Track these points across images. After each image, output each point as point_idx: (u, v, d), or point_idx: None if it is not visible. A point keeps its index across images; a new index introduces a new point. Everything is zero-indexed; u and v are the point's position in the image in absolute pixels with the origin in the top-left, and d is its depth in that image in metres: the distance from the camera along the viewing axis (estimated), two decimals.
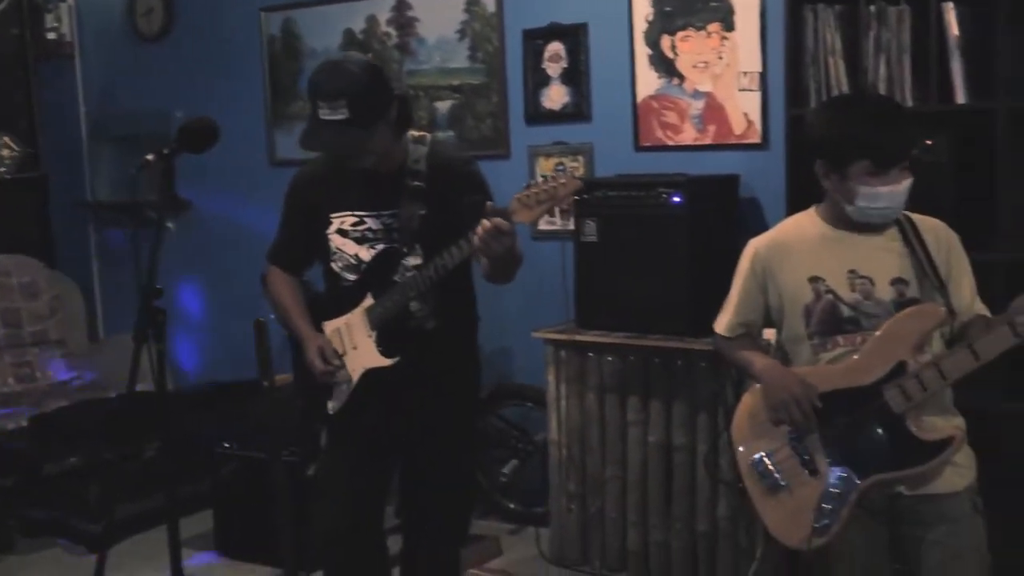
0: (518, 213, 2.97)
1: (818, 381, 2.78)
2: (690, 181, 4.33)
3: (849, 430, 2.75)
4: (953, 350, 2.67)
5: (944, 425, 2.73)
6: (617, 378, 4.45)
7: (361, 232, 3.30)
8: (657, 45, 4.77)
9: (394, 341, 3.25)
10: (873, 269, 2.77)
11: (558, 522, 4.66)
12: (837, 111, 2.92)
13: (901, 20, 4.00)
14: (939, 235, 2.81)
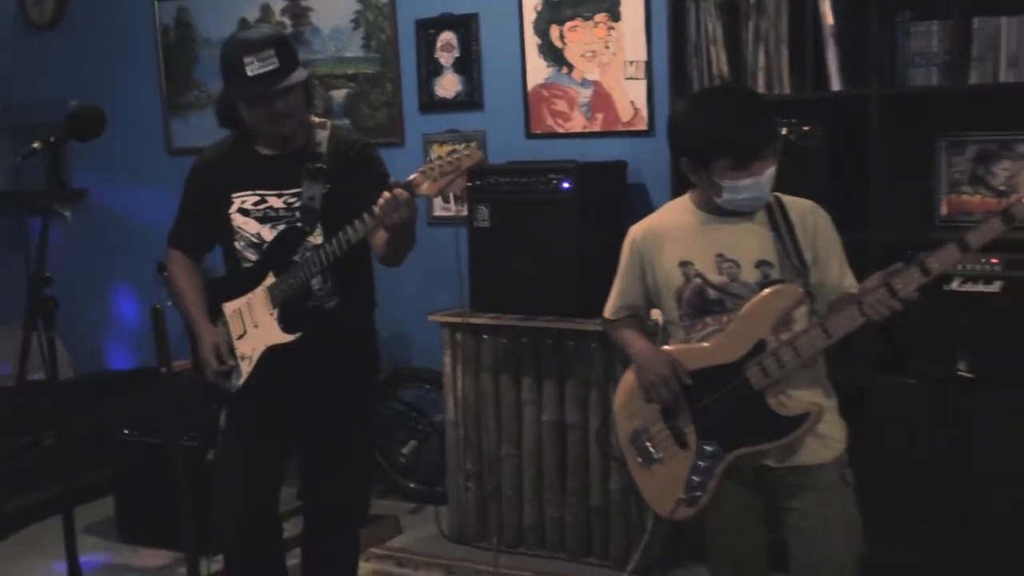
0: (422, 185, 2.92)
1: (688, 360, 2.79)
2: (579, 167, 4.31)
3: (716, 406, 2.76)
4: (807, 328, 2.68)
5: (805, 400, 2.73)
6: (511, 359, 4.42)
7: (263, 211, 3.22)
8: (546, 35, 4.73)
9: (296, 319, 3.17)
10: (739, 252, 2.77)
11: (456, 500, 4.62)
12: (697, 111, 2.87)
13: (779, 11, 4.02)
14: (806, 217, 2.79)
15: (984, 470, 3.68)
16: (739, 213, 2.78)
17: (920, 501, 3.78)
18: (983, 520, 3.68)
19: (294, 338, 3.15)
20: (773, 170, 2.71)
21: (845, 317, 2.62)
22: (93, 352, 6.01)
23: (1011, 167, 3.90)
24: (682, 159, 2.81)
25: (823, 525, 2.77)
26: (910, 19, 3.88)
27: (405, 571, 4.36)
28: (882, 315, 2.57)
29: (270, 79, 3.05)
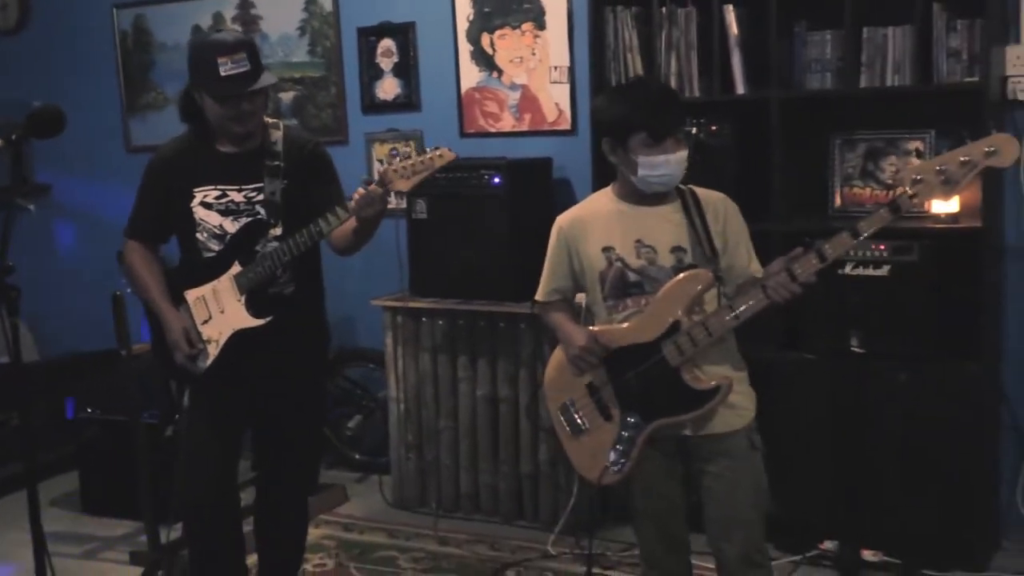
0: (396, 182, 2.96)
1: (610, 338, 2.81)
2: (508, 164, 4.34)
3: (636, 381, 2.78)
4: (717, 310, 2.72)
5: (717, 374, 2.76)
6: (448, 339, 4.45)
7: (225, 204, 3.21)
8: (478, 42, 4.75)
9: (260, 305, 3.19)
10: (656, 238, 2.79)
11: (398, 470, 4.64)
12: (617, 94, 2.98)
13: (689, 20, 4.07)
14: (717, 207, 2.83)
15: (874, 435, 3.77)
16: (655, 200, 2.81)
17: (819, 463, 3.86)
18: (874, 480, 3.77)
19: (263, 322, 3.16)
20: (685, 154, 2.74)
21: (751, 299, 2.65)
22: (57, 336, 5.93)
23: (897, 162, 3.97)
24: (603, 140, 2.83)
25: (733, 487, 2.81)
26: (806, 29, 3.95)
27: (352, 536, 4.37)
28: (784, 297, 2.61)
29: (242, 80, 3.05)
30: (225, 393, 3.29)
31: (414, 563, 4.07)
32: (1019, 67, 3.83)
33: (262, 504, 3.49)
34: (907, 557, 3.76)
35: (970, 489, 3.75)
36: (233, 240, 3.20)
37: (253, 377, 3.26)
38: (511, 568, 3.98)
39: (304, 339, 3.35)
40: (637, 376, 2.78)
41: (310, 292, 3.37)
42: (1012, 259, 3.93)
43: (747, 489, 2.82)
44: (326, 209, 3.08)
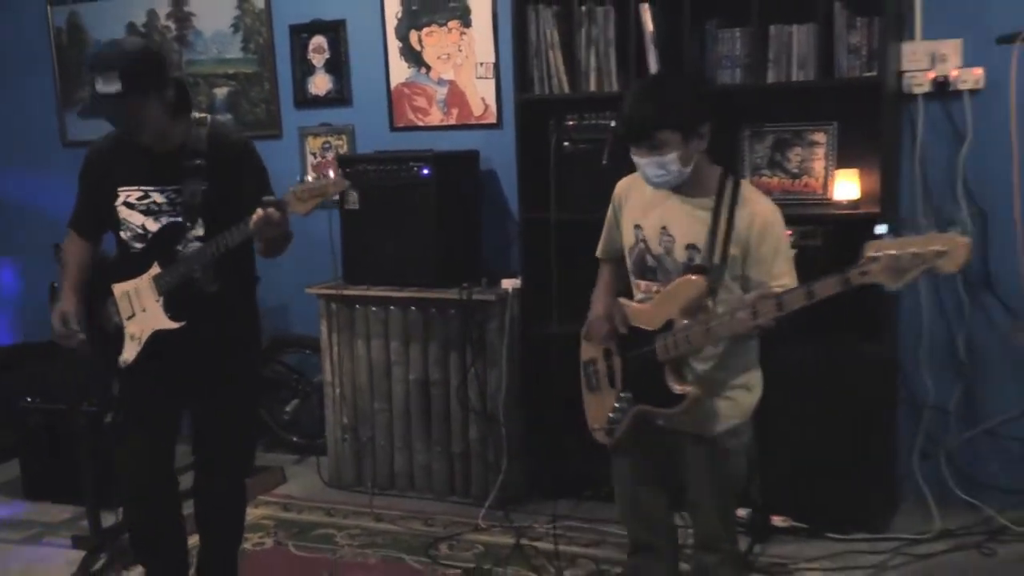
0: (292, 205, 2.85)
1: (628, 315, 2.72)
2: (437, 156, 4.27)
3: (635, 362, 2.70)
4: (694, 322, 2.56)
5: (708, 379, 2.65)
6: (380, 325, 4.38)
7: (147, 205, 3.08)
8: (406, 39, 4.67)
9: (180, 305, 3.06)
10: (678, 230, 2.65)
11: (335, 451, 4.57)
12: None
13: (607, 18, 4.04)
14: (755, 216, 2.59)
15: (783, 409, 3.77)
16: (692, 193, 2.65)
17: None
18: (783, 450, 3.76)
19: (179, 325, 3.04)
20: (657, 159, 2.57)
21: (727, 322, 2.49)
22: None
23: (802, 153, 3.99)
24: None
25: (702, 481, 2.75)
26: (717, 27, 3.94)
27: (290, 515, 4.29)
28: (745, 330, 2.48)
29: (110, 101, 2.89)
30: (153, 386, 3.16)
31: (351, 540, 4.00)
32: (914, 62, 3.86)
33: (200, 488, 3.37)
34: (813, 521, 3.80)
35: (870, 457, 3.80)
36: (153, 241, 3.07)
37: (179, 372, 3.13)
38: (443, 542, 3.93)
39: (231, 333, 3.20)
40: (634, 359, 2.71)
41: (236, 288, 3.20)
42: None
43: (715, 487, 2.75)
44: (252, 210, 2.92)
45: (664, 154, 2.56)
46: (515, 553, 3.75)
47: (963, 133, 3.83)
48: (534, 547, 3.79)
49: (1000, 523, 3.78)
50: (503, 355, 4.16)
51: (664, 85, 2.80)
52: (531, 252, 4.20)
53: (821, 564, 3.59)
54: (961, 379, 3.97)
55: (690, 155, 2.60)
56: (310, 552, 3.90)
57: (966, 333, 3.94)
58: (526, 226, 4.23)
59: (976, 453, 3.95)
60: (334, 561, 3.81)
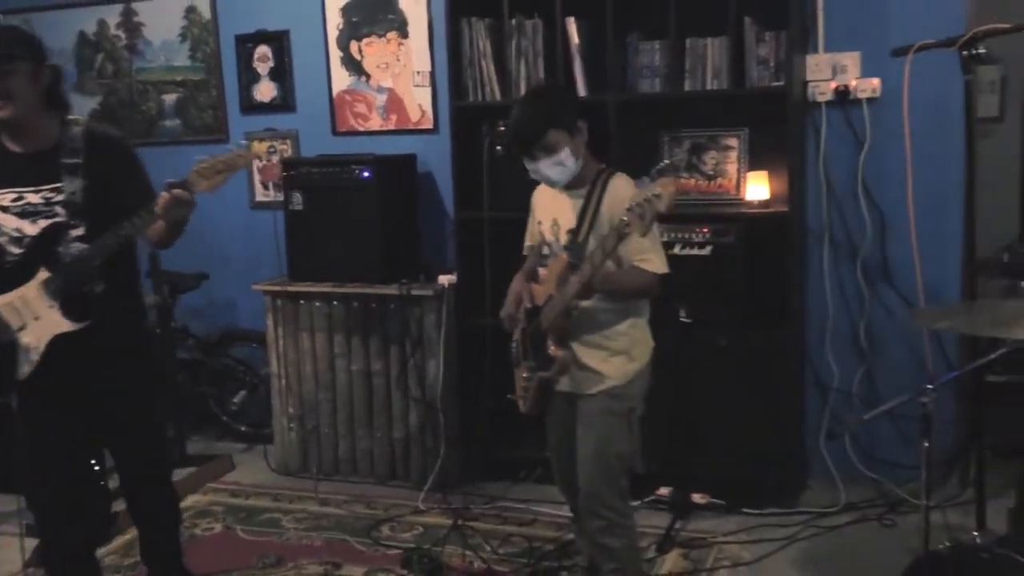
0: (197, 184, 2.73)
1: (534, 293, 2.91)
2: (377, 160, 4.29)
3: (532, 334, 2.87)
4: (558, 293, 2.77)
5: (588, 344, 2.82)
6: (324, 319, 4.37)
7: (21, 207, 2.85)
8: (347, 49, 4.67)
9: (74, 308, 2.84)
10: (565, 220, 2.84)
11: (281, 439, 4.56)
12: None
13: (536, 31, 4.08)
14: (615, 200, 2.72)
15: (701, 393, 3.86)
16: (575, 186, 2.84)
17: (655, 419, 3.87)
18: (701, 432, 3.87)
19: (82, 325, 2.83)
20: (567, 151, 2.75)
21: (571, 287, 2.69)
22: None
23: (717, 156, 4.07)
24: None
25: (582, 442, 2.87)
26: (638, 39, 4.01)
27: (238, 501, 4.27)
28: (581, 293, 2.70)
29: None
30: (56, 394, 2.93)
31: (297, 523, 4.00)
32: (817, 73, 3.97)
33: (125, 489, 3.20)
34: (730, 498, 3.88)
35: (781, 437, 3.89)
36: (34, 244, 2.82)
37: (80, 375, 2.92)
38: (385, 523, 3.95)
39: (123, 333, 3.01)
40: (532, 331, 2.87)
41: (122, 288, 3.01)
42: (813, 240, 4.08)
43: (590, 444, 2.84)
44: (133, 207, 2.77)
45: (558, 152, 2.75)
46: (453, 533, 3.77)
47: (862, 138, 3.94)
48: (471, 527, 3.82)
49: (899, 496, 3.89)
50: (440, 346, 4.19)
51: (540, 95, 3.05)
52: (466, 249, 4.24)
53: (737, 537, 3.66)
54: (862, 363, 4.08)
55: (578, 148, 2.79)
56: (257, 536, 3.90)
57: (867, 321, 4.05)
58: (461, 225, 4.27)
59: (877, 432, 4.06)
60: (281, 544, 3.81)
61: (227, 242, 4.99)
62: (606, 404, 2.83)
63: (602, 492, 2.84)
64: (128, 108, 5.15)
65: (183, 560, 3.32)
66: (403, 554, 3.59)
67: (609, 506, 2.84)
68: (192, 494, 4.31)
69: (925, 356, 3.91)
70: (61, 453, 2.96)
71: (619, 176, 2.83)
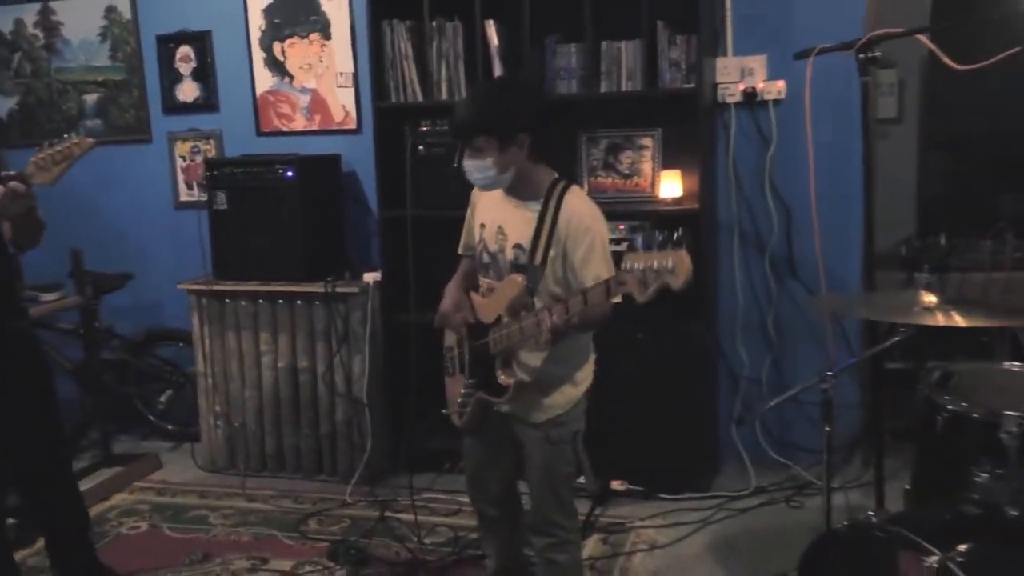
0: (36, 176, 2.62)
1: (476, 307, 2.73)
2: (301, 159, 4.26)
3: (475, 352, 2.72)
4: (514, 320, 2.55)
5: (534, 372, 2.65)
6: (250, 318, 4.33)
7: None
8: (270, 50, 4.62)
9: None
10: (511, 231, 2.64)
11: (208, 437, 4.50)
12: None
13: (456, 33, 4.09)
14: (571, 220, 2.55)
15: (620, 385, 3.89)
16: (524, 196, 2.63)
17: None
18: (620, 422, 3.86)
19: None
20: (490, 161, 2.55)
21: (531, 323, 2.48)
22: None
23: (632, 156, 4.13)
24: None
25: (529, 467, 2.76)
26: (555, 42, 4.04)
27: (165, 499, 4.20)
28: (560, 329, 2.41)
29: None
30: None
31: (224, 519, 3.95)
32: (726, 75, 4.05)
33: (26, 494, 3.10)
34: (647, 484, 3.94)
35: (695, 425, 3.96)
36: None
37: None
38: (313, 517, 3.92)
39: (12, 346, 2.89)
40: (474, 349, 2.71)
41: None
42: (724, 235, 4.16)
43: (536, 471, 2.75)
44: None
45: (483, 158, 2.56)
46: (380, 525, 3.78)
47: (769, 138, 4.04)
48: (397, 518, 3.83)
49: (806, 479, 3.99)
50: (366, 342, 4.18)
51: (488, 93, 2.79)
52: (390, 247, 4.23)
53: (654, 521, 3.73)
54: (771, 353, 4.18)
55: (506, 162, 2.56)
56: (184, 533, 3.84)
57: (775, 312, 4.15)
58: (385, 223, 4.25)
59: (785, 418, 4.17)
60: (207, 540, 3.76)
61: (151, 242, 4.90)
62: (551, 432, 2.70)
63: (551, 514, 2.76)
64: (48, 108, 5.02)
65: (98, 559, 3.23)
66: (330, 547, 3.57)
67: (558, 525, 2.77)
68: (118, 493, 4.23)
69: (828, 345, 4.02)
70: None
71: (575, 192, 2.62)
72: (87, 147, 2.69)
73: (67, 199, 2.70)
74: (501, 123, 2.55)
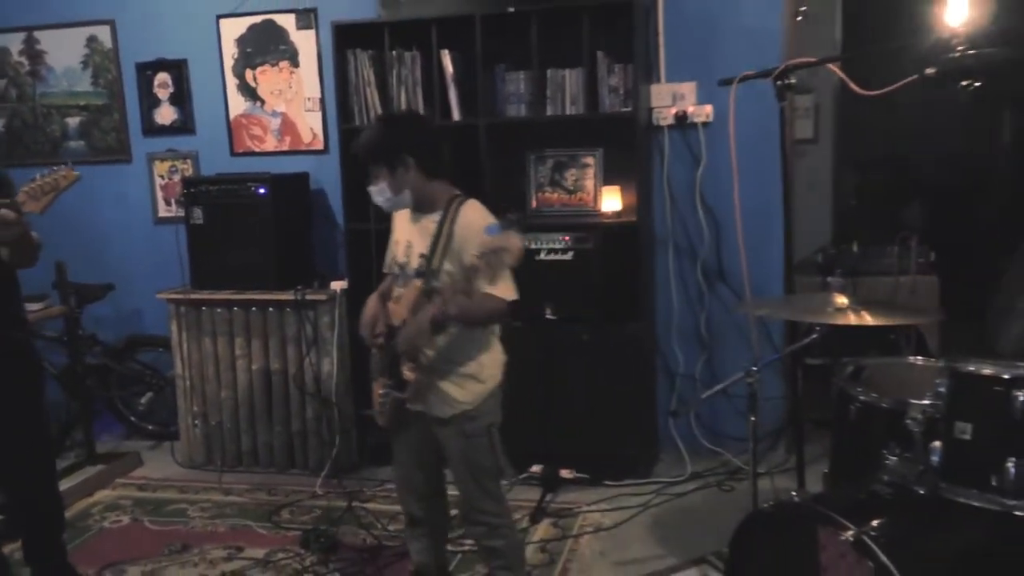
0: (27, 204, 2.59)
1: (389, 313, 2.72)
2: (272, 178, 4.22)
3: (389, 354, 2.70)
4: (413, 319, 2.58)
5: (439, 369, 2.64)
6: (225, 324, 4.27)
7: None
8: (242, 76, 4.57)
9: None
10: (418, 243, 2.67)
11: (187, 436, 4.42)
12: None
13: (414, 62, 4.08)
14: (464, 229, 2.58)
15: (566, 381, 3.92)
16: (428, 211, 2.66)
17: (527, 405, 3.90)
18: (567, 415, 3.92)
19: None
20: (384, 185, 2.61)
21: (420, 318, 2.52)
22: None
23: (576, 173, 4.15)
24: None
25: (451, 460, 2.73)
26: (505, 70, 4.06)
27: (146, 494, 4.12)
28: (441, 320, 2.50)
29: None
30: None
31: (202, 512, 3.89)
32: (660, 100, 4.09)
33: (7, 492, 3.03)
34: (593, 472, 3.94)
35: (636, 418, 3.98)
36: None
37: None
38: (285, 508, 3.87)
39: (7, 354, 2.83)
40: (388, 351, 2.70)
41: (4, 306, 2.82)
42: (660, 246, 4.19)
43: (458, 467, 2.72)
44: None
45: (379, 183, 2.64)
46: (348, 514, 3.74)
47: (699, 157, 4.08)
48: (364, 508, 3.79)
49: (736, 465, 4.03)
50: (334, 345, 4.15)
51: (373, 129, 2.78)
52: (355, 257, 4.19)
53: (599, 506, 3.73)
54: (704, 351, 4.22)
55: (398, 184, 2.62)
56: (164, 526, 3.77)
57: (706, 314, 4.19)
58: (350, 235, 4.22)
59: (716, 410, 4.20)
60: (186, 531, 3.70)
61: (132, 255, 4.82)
62: (463, 427, 2.67)
63: (477, 503, 2.72)
64: (33, 131, 4.92)
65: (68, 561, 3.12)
66: (302, 535, 3.53)
67: (486, 512, 2.73)
68: (102, 490, 4.15)
69: (753, 343, 4.07)
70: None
71: (470, 205, 2.65)
72: (72, 179, 2.66)
73: (52, 215, 2.65)
74: (384, 151, 2.63)
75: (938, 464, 2.16)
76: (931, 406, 2.22)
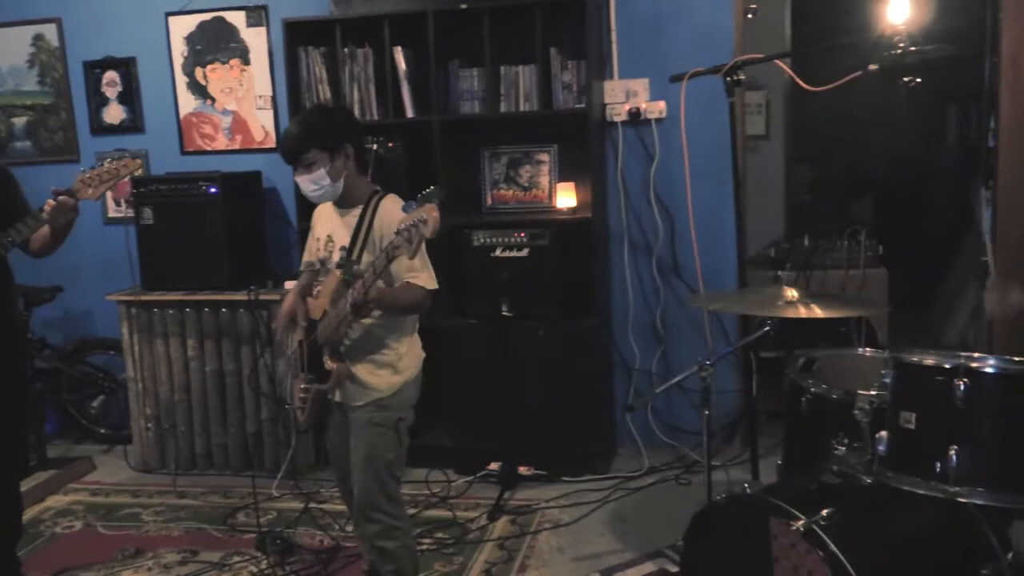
0: (82, 191, 2.67)
1: (309, 307, 2.71)
2: (224, 177, 4.16)
3: (310, 347, 2.68)
4: (333, 309, 2.57)
5: (360, 358, 2.65)
6: (178, 326, 4.20)
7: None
8: (192, 74, 4.50)
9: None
10: (338, 237, 2.67)
11: (140, 439, 4.34)
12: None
13: (367, 59, 4.05)
14: (384, 221, 2.58)
15: (523, 378, 3.91)
16: (348, 206, 2.67)
17: (485, 402, 3.97)
18: (525, 412, 3.90)
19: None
20: (323, 171, 2.58)
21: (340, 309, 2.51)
22: None
23: (531, 170, 4.15)
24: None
25: (354, 451, 2.69)
26: (458, 67, 4.04)
27: (98, 499, 4.04)
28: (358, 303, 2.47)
29: None
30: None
31: (156, 516, 3.82)
32: (613, 97, 4.09)
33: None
34: (551, 469, 3.94)
35: (594, 413, 3.98)
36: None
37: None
38: (241, 511, 3.82)
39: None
40: (309, 345, 2.68)
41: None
42: (614, 241, 4.21)
43: (360, 453, 2.67)
44: (16, 219, 2.71)
45: (315, 171, 2.59)
46: (304, 515, 3.71)
47: (652, 153, 4.10)
48: (321, 509, 3.76)
49: (692, 458, 4.05)
50: None
51: (311, 114, 2.85)
52: None
53: (558, 502, 3.73)
54: (660, 346, 4.23)
55: (338, 171, 2.61)
56: (117, 531, 3.70)
57: (662, 309, 4.21)
58: (304, 234, 4.12)
59: (671, 404, 4.22)
60: (140, 536, 3.63)
61: (81, 256, 4.70)
62: (373, 415, 2.65)
63: (374, 498, 2.67)
64: None
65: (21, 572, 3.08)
66: (257, 537, 3.48)
67: (382, 510, 2.68)
68: (53, 495, 4.06)
69: (707, 337, 4.09)
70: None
71: (389, 198, 2.65)
72: (135, 168, 2.76)
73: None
74: (326, 135, 2.60)
75: (884, 453, 2.19)
76: (877, 396, 2.25)
